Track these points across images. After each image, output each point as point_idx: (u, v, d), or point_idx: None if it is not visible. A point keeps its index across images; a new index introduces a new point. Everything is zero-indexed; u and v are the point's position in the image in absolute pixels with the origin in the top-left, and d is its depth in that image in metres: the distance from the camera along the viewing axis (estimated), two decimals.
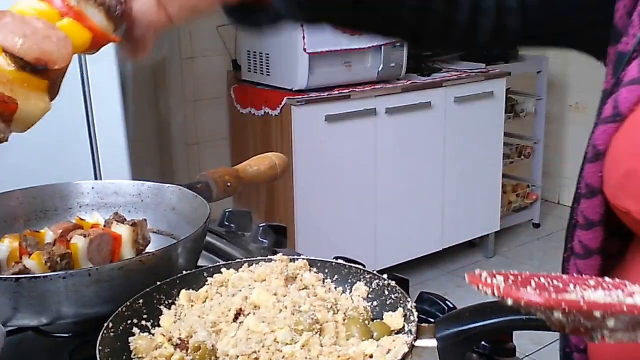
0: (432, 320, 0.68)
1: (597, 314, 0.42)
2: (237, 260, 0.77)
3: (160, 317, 0.69)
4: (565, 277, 0.47)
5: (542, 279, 0.46)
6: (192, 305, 0.71)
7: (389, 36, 0.82)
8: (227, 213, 1.12)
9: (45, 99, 0.58)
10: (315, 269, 0.75)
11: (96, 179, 1.61)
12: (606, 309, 0.41)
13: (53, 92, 0.60)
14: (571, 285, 0.45)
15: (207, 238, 0.90)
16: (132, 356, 0.63)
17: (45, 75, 0.57)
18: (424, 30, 0.78)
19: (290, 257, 0.76)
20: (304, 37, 2.57)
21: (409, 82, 2.98)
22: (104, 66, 1.56)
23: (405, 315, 0.65)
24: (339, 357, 0.59)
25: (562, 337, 0.75)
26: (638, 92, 0.57)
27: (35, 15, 0.57)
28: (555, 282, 0.46)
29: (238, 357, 0.59)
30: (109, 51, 1.56)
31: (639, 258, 0.66)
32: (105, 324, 0.64)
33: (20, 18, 0.55)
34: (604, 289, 0.45)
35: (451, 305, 0.78)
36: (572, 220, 0.69)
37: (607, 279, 0.47)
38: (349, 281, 0.74)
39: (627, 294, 0.44)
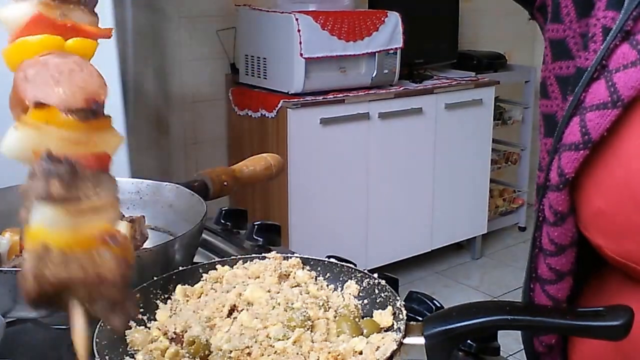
0: (420, 319, 0.68)
1: None
2: (232, 257, 0.77)
3: (156, 311, 0.69)
4: None
5: None
6: (188, 300, 0.71)
7: None
8: (223, 211, 1.11)
9: (115, 133, 0.56)
10: (307, 267, 0.75)
11: None
12: None
13: None
14: None
15: (203, 235, 0.90)
16: (127, 349, 0.63)
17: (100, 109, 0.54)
18: None
19: (284, 255, 0.76)
20: (300, 43, 2.57)
21: (401, 88, 2.99)
22: (104, 65, 1.56)
23: (394, 313, 0.65)
24: (329, 353, 0.59)
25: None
26: (610, 117, 0.54)
27: (44, 50, 0.53)
28: None
29: (231, 351, 0.59)
30: (109, 51, 1.55)
31: (614, 276, 0.66)
32: None
33: (38, 62, 0.52)
34: None
35: (439, 305, 0.78)
36: (535, 248, 0.66)
37: None
38: (341, 279, 0.73)
39: None
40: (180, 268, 0.74)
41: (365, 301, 0.70)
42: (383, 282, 0.70)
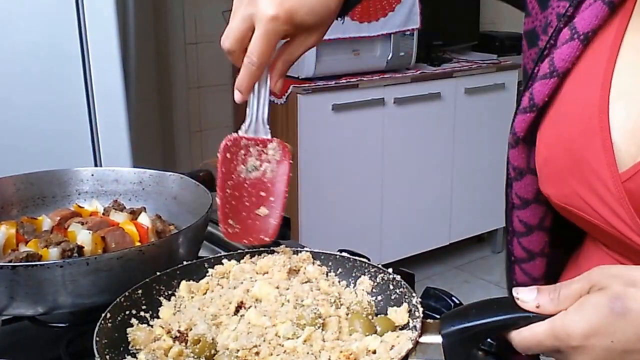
0: (438, 316, 0.68)
1: None
2: (239, 251, 0.77)
3: (159, 308, 0.69)
4: None
5: None
6: (192, 297, 0.71)
7: None
8: None
9: None
10: (318, 262, 0.75)
11: (96, 165, 1.61)
12: None
13: None
14: None
15: (209, 228, 0.90)
16: (129, 348, 0.63)
17: None
18: None
19: (294, 249, 0.76)
20: None
21: (418, 72, 2.97)
22: (106, 51, 1.56)
23: (410, 311, 0.65)
24: (341, 352, 0.59)
25: None
26: (549, 85, 0.69)
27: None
28: None
29: (238, 350, 0.59)
30: (110, 35, 1.56)
31: (592, 249, 0.72)
32: (103, 315, 0.64)
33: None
34: None
35: (457, 301, 0.78)
36: (507, 204, 0.78)
37: None
38: (353, 275, 0.74)
39: None
40: (185, 263, 0.75)
41: (379, 298, 0.70)
42: (398, 277, 0.70)
